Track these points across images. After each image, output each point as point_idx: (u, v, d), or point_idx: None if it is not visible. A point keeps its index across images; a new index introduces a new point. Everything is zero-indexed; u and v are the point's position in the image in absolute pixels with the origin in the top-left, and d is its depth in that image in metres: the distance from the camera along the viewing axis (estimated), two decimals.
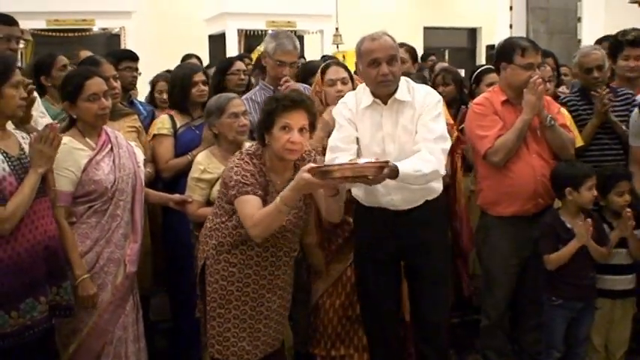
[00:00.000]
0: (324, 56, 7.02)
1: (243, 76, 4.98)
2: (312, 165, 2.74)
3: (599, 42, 4.68)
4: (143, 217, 3.49)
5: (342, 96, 3.58)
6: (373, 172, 2.75)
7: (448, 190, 4.17)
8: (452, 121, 4.26)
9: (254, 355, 3.19)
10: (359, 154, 3.30)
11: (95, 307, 3.20)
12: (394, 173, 2.96)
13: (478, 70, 4.94)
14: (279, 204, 2.83)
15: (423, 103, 3.28)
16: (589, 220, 3.59)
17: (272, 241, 3.14)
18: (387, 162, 2.83)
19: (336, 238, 3.71)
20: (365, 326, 3.69)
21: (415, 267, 3.52)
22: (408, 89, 3.33)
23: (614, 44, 4.43)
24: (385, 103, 3.31)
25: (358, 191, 3.43)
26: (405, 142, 3.28)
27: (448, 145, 3.27)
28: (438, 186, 3.45)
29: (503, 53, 3.74)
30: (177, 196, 3.65)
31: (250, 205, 2.96)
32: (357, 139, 3.33)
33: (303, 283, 3.79)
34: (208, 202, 3.55)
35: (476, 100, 3.90)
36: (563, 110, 4.02)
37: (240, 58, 5.41)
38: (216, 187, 3.53)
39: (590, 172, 3.62)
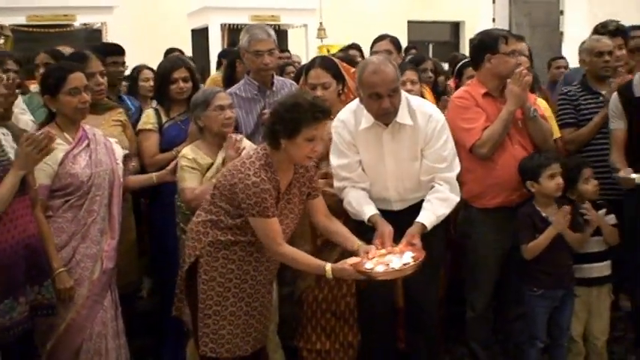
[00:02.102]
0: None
1: None
2: (359, 264, 2.91)
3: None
4: (121, 214, 3.49)
5: None
6: (414, 270, 2.94)
7: None
8: None
9: (245, 350, 3.20)
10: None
11: (72, 301, 3.20)
12: (422, 230, 3.24)
13: (460, 63, 4.97)
14: (324, 269, 2.97)
15: (426, 128, 3.35)
16: (567, 207, 3.61)
17: None
18: (423, 255, 2.99)
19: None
20: (359, 315, 3.72)
21: None
22: (409, 111, 3.35)
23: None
24: (386, 124, 3.35)
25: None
26: (404, 159, 3.39)
27: (458, 167, 3.44)
28: None
29: (486, 45, 3.75)
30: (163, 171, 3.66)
31: (272, 230, 3.01)
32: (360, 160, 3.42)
33: (289, 278, 3.78)
34: None
35: (456, 94, 3.90)
36: (540, 101, 4.09)
37: None
38: (207, 176, 3.53)
39: (546, 162, 3.63)
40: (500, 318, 4.04)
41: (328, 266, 2.95)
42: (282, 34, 13.18)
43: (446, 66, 6.35)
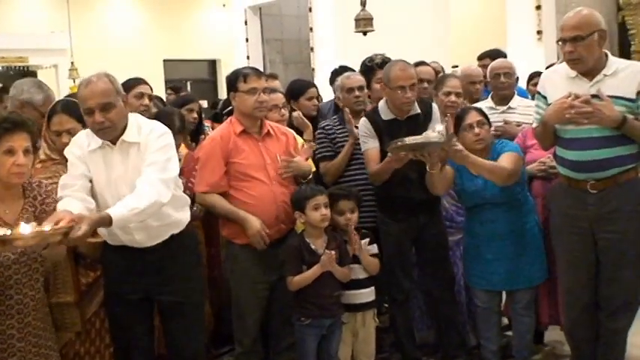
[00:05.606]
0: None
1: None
2: None
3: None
4: None
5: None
6: (59, 238, 2.74)
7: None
8: None
9: None
10: (94, 196, 3.24)
11: None
12: (106, 221, 2.94)
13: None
14: None
15: (146, 140, 3.24)
16: (332, 252, 3.72)
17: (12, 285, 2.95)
18: (71, 227, 2.76)
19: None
20: None
21: (167, 303, 3.47)
22: (137, 129, 3.27)
23: (366, 70, 4.79)
24: (114, 144, 3.24)
25: (103, 230, 3.28)
26: (135, 180, 3.19)
27: (170, 174, 3.23)
28: (183, 218, 3.46)
29: (230, 84, 3.88)
30: None
31: None
32: (90, 179, 3.24)
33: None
34: None
35: (214, 133, 3.96)
36: (297, 137, 4.23)
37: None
38: None
39: (311, 194, 3.77)
40: (270, 349, 4.07)
41: None
42: (31, 75, 12.56)
43: (205, 103, 6.40)
